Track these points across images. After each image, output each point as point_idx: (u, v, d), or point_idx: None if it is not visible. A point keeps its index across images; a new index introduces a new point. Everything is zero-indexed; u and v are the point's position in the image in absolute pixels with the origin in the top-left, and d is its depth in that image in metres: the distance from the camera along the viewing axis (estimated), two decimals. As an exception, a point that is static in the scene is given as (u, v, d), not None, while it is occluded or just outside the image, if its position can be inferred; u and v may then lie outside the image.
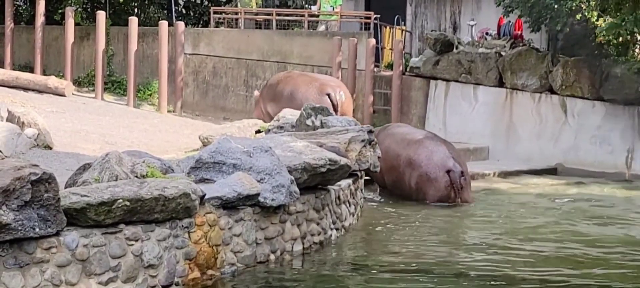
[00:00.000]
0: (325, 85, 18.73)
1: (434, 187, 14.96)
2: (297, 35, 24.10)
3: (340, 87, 18.95)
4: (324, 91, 18.48)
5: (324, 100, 18.04)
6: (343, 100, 18.45)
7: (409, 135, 16.07)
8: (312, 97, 18.28)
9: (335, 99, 18.34)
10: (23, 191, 7.23)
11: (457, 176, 15.03)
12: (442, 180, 14.99)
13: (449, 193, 14.99)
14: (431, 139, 15.83)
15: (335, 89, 18.66)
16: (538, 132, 20.75)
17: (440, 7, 26.21)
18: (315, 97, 18.28)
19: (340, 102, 18.32)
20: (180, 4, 28.13)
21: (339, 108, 18.13)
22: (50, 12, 25.21)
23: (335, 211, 11.54)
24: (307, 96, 18.32)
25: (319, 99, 17.97)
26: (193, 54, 24.39)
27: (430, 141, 15.69)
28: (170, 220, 8.50)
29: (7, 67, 24.44)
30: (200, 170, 9.86)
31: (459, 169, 15.13)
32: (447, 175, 15.03)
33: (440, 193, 14.96)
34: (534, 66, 20.79)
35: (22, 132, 14.37)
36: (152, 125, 20.87)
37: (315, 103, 16.55)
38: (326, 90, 18.50)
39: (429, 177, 15.05)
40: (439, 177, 14.99)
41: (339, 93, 18.52)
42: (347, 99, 18.71)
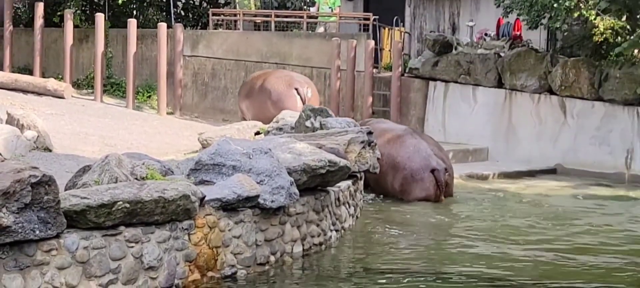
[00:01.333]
0: (294, 80, 19.62)
1: (420, 187, 15.01)
2: (296, 37, 24.10)
3: (308, 84, 19.79)
4: (292, 85, 19.38)
5: (291, 93, 19.14)
6: (309, 97, 19.21)
7: (389, 132, 16.05)
8: (281, 89, 19.36)
9: (303, 93, 19.20)
10: (23, 193, 7.24)
11: (442, 174, 15.10)
12: (427, 179, 15.04)
13: (434, 192, 15.05)
14: (412, 136, 15.84)
15: (303, 84, 19.52)
16: (537, 133, 20.74)
17: (438, 8, 26.23)
18: (283, 89, 19.34)
19: (307, 98, 19.08)
20: (179, 6, 28.11)
21: (306, 102, 18.66)
22: (49, 14, 25.21)
23: (335, 212, 11.55)
24: (277, 88, 19.40)
25: (287, 92, 19.21)
26: (192, 56, 24.39)
27: (412, 138, 15.71)
28: (170, 222, 8.51)
29: (7, 70, 24.43)
30: (200, 172, 9.86)
31: (443, 166, 15.22)
32: (431, 174, 15.11)
33: (425, 192, 15.04)
34: (533, 67, 20.79)
35: (22, 135, 14.37)
36: (151, 127, 20.88)
37: (283, 95, 18.77)
38: (294, 85, 19.39)
39: (414, 177, 15.09)
40: (424, 177, 15.07)
41: (306, 89, 19.38)
42: (314, 96, 19.47)
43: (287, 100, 19.22)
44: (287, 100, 19.21)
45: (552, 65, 20.62)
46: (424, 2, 26.31)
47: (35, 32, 24.64)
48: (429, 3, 26.24)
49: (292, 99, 19.22)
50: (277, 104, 19.26)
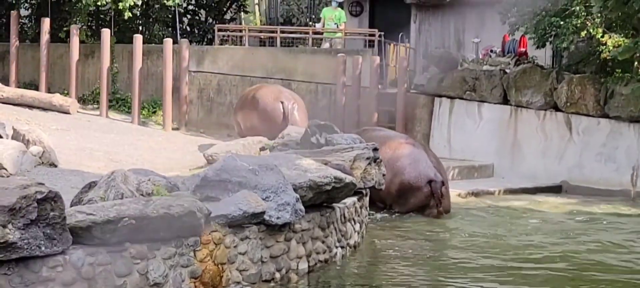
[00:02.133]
0: (282, 94, 20.09)
1: (415, 196, 15.04)
2: (301, 53, 24.10)
3: (295, 100, 20.12)
4: (278, 99, 19.85)
5: (277, 106, 19.66)
6: (293, 111, 19.67)
7: (388, 140, 16.16)
8: (268, 101, 19.91)
9: (286, 107, 19.65)
10: (29, 210, 7.24)
11: (438, 186, 15.13)
12: (424, 189, 15.08)
13: (428, 203, 15.06)
14: (412, 145, 16.00)
15: (289, 99, 19.94)
16: (543, 150, 20.72)
17: (444, 24, 26.25)
18: (270, 101, 19.87)
19: (290, 111, 19.60)
20: (185, 22, 28.16)
21: (289, 116, 19.43)
22: (55, 29, 25.24)
23: (340, 229, 11.53)
24: (264, 101, 19.97)
25: (273, 105, 19.73)
26: (197, 72, 24.41)
27: (412, 147, 15.86)
28: (176, 239, 8.50)
29: (12, 85, 24.44)
30: (206, 188, 9.85)
31: (440, 179, 15.27)
32: (428, 185, 15.17)
33: (420, 202, 15.10)
34: (539, 83, 20.77)
35: (27, 150, 14.37)
36: (156, 142, 20.88)
37: (269, 108, 19.62)
38: (280, 99, 19.85)
39: (411, 185, 15.13)
40: (421, 186, 15.10)
41: (292, 104, 19.79)
42: (300, 111, 19.89)
43: (272, 113, 19.70)
44: (272, 114, 19.69)
45: (557, 81, 20.61)
46: (430, 18, 26.33)
47: (41, 47, 24.66)
48: (435, 19, 26.27)
49: (276, 112, 19.66)
50: (263, 116, 19.80)
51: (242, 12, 31.25)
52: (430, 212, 15.29)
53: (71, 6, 25.16)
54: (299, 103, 20.18)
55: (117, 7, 23.85)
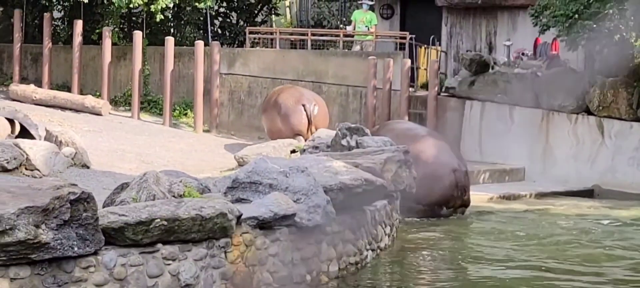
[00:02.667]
0: (304, 97, 20.37)
1: (439, 186, 15.00)
2: (332, 55, 24.11)
3: (317, 102, 20.44)
4: (300, 102, 20.15)
5: (299, 109, 19.99)
6: (315, 113, 20.03)
7: (410, 131, 16.42)
8: (289, 105, 20.21)
9: (309, 110, 19.98)
10: (62, 210, 7.29)
11: (462, 175, 15.20)
12: (448, 179, 15.06)
13: (452, 193, 15.04)
14: (434, 137, 16.20)
15: (311, 101, 20.24)
16: (575, 154, 20.61)
17: (475, 27, 26.18)
18: (291, 105, 20.17)
19: (313, 115, 19.94)
20: (216, 24, 28.24)
21: (312, 120, 19.85)
22: (88, 32, 25.37)
23: (371, 232, 11.52)
24: (286, 104, 20.26)
25: (294, 107, 20.05)
26: (228, 74, 24.46)
27: (434, 139, 16.03)
28: (207, 240, 8.52)
29: (45, 87, 24.60)
30: (237, 190, 9.88)
31: (464, 169, 15.39)
32: (453, 174, 15.21)
33: (445, 191, 15.06)
34: (571, 87, 20.66)
35: (60, 151, 14.47)
36: (187, 144, 20.95)
37: (290, 110, 19.90)
38: (302, 101, 20.15)
39: (435, 175, 15.09)
40: (444, 175, 15.07)
41: (313, 106, 20.12)
42: (321, 114, 20.28)
43: (294, 115, 20.05)
44: (293, 116, 20.04)
45: (589, 85, 20.50)
46: (461, 21, 26.26)
47: (74, 49, 24.80)
48: (466, 22, 26.20)
49: (298, 114, 19.98)
50: (285, 118, 20.14)
51: (273, 15, 31.32)
52: (454, 202, 15.30)
53: (103, 8, 25.30)
54: (320, 104, 20.44)
55: (149, 10, 23.96)
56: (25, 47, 25.90)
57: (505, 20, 25.68)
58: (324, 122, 20.26)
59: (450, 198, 15.23)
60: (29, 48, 26.22)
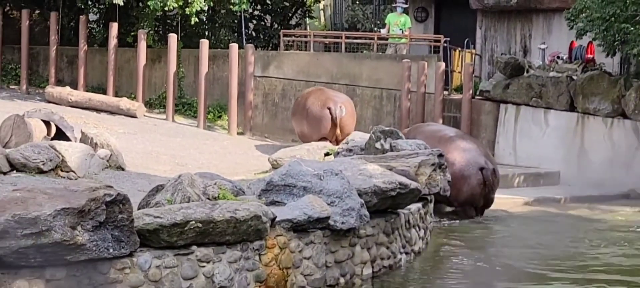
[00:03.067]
0: (330, 99, 20.16)
1: (467, 184, 15.13)
2: (366, 58, 24.09)
3: (343, 103, 20.20)
4: (326, 105, 20.01)
5: (324, 113, 19.86)
6: (342, 115, 19.83)
7: (439, 133, 16.68)
8: (315, 109, 20.13)
9: (335, 113, 19.80)
10: (98, 212, 7.33)
11: (490, 173, 15.42)
12: (475, 177, 15.21)
13: (481, 191, 15.19)
14: (462, 138, 16.43)
15: (336, 103, 19.99)
16: (610, 158, 20.48)
17: (510, 30, 26.06)
18: (317, 109, 20.08)
19: (339, 117, 19.77)
20: (251, 27, 28.29)
21: (338, 122, 19.72)
22: (123, 34, 25.50)
23: (405, 235, 11.51)
24: (312, 108, 20.21)
25: (320, 112, 19.94)
26: (263, 77, 24.51)
27: (462, 140, 16.26)
28: (242, 242, 8.55)
29: (81, 89, 24.76)
30: (271, 192, 9.91)
31: (491, 167, 15.58)
32: (480, 172, 15.43)
33: (473, 190, 15.26)
34: (606, 90, 20.55)
35: (95, 153, 14.55)
36: (222, 147, 21.00)
37: (317, 115, 19.83)
38: (328, 104, 19.97)
39: (463, 174, 15.25)
40: (472, 174, 15.27)
41: (339, 108, 19.89)
42: (348, 115, 20.06)
43: (320, 120, 20.00)
44: (319, 121, 20.02)
45: (625, 88, 20.37)
46: (496, 24, 26.16)
47: (109, 51, 24.94)
48: (501, 25, 26.09)
49: (324, 119, 19.89)
50: (311, 123, 20.23)
51: (307, 18, 31.34)
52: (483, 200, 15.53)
53: (139, 11, 25.42)
54: (347, 106, 20.29)
55: (184, 12, 24.04)
56: (61, 49, 26.07)
57: (540, 23, 25.55)
58: (351, 123, 20.20)
59: (477, 196, 15.38)
60: (64, 50, 26.39)
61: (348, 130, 19.54)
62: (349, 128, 19.81)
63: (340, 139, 19.63)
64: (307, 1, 29.21)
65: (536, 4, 25.22)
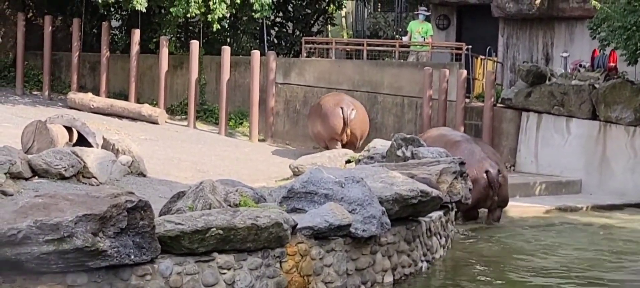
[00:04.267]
0: (342, 101, 21.22)
1: (474, 188, 15.07)
2: (387, 66, 24.08)
3: (356, 107, 21.25)
4: (338, 105, 21.04)
5: (336, 112, 20.87)
6: (352, 117, 20.88)
7: (445, 137, 16.93)
8: (328, 108, 21.12)
9: (345, 113, 20.82)
10: (119, 218, 7.35)
11: (495, 176, 15.59)
12: (481, 180, 15.48)
13: (487, 193, 15.57)
14: (467, 141, 16.67)
15: (348, 105, 21.07)
16: (632, 166, 20.40)
17: (532, 38, 26.01)
18: (330, 108, 21.07)
19: (349, 118, 20.80)
20: (272, 34, 28.34)
21: (348, 123, 20.77)
22: (145, 41, 25.58)
23: (426, 243, 11.49)
24: (326, 107, 21.22)
25: (332, 110, 20.95)
26: (284, 84, 24.53)
27: (467, 143, 16.50)
28: (263, 250, 8.55)
29: (103, 95, 24.85)
30: (292, 199, 9.91)
31: (496, 169, 15.73)
32: (485, 175, 15.59)
33: (480, 193, 15.41)
34: (629, 99, 20.47)
35: (117, 159, 14.58)
36: (243, 153, 21.03)
37: (329, 112, 20.88)
38: (340, 105, 21.01)
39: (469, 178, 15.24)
40: (478, 177, 15.51)
41: (351, 110, 20.94)
42: (358, 120, 21.14)
43: (331, 118, 20.97)
44: (331, 118, 20.98)
45: (648, 97, 20.29)
46: (518, 32, 26.12)
47: (131, 58, 25.02)
48: (523, 33, 26.05)
49: (336, 117, 20.84)
50: (324, 120, 21.19)
51: (329, 25, 31.36)
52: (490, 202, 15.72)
53: (161, 18, 25.51)
54: (359, 110, 21.23)
55: (206, 19, 24.10)
56: (83, 55, 26.17)
57: (563, 31, 25.50)
58: (361, 127, 21.15)
59: (484, 198, 15.52)
60: (87, 57, 26.49)
61: (357, 134, 21.00)
62: (358, 131, 21.06)
63: (349, 140, 20.68)
64: (329, 8, 29.22)
65: (558, 12, 25.19)
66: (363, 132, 21.36)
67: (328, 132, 21.00)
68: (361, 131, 21.21)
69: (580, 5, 24.57)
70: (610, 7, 19.98)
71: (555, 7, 25.20)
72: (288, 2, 28.20)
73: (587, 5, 22.93)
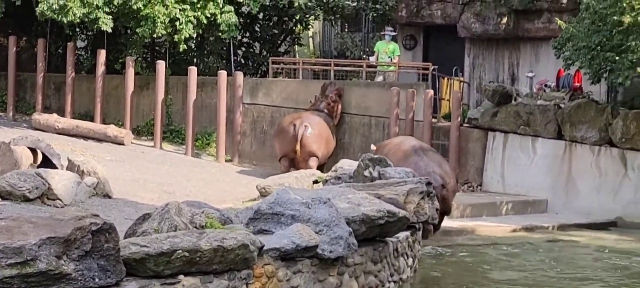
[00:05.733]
0: (298, 118, 21.50)
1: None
2: (355, 86, 24.10)
3: (313, 125, 21.39)
4: (292, 122, 21.41)
5: (288, 129, 21.23)
6: (303, 133, 21.01)
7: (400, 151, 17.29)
8: (283, 124, 21.74)
9: (297, 130, 21.02)
10: (84, 241, 7.27)
11: (438, 190, 15.58)
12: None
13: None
14: (416, 154, 16.92)
15: (303, 121, 21.27)
16: (597, 186, 20.52)
17: (498, 58, 26.14)
18: (285, 125, 21.60)
19: (300, 134, 20.94)
20: (239, 54, 28.30)
21: (298, 138, 20.91)
22: (111, 61, 25.46)
23: (393, 264, 11.47)
24: (282, 124, 21.90)
25: (286, 127, 21.41)
26: (251, 104, 24.51)
27: (416, 156, 16.81)
28: (229, 272, 8.49)
29: (68, 116, 24.70)
30: (259, 221, 9.86)
31: (440, 182, 15.87)
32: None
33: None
34: (594, 119, 20.60)
35: (82, 181, 14.48)
36: (210, 174, 20.97)
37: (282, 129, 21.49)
38: (295, 122, 21.32)
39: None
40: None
41: (303, 126, 21.10)
42: (314, 135, 21.30)
43: (283, 134, 21.46)
44: (282, 134, 21.51)
45: (612, 117, 20.43)
46: (484, 52, 26.24)
47: (97, 78, 24.91)
48: (489, 53, 26.17)
49: (287, 134, 21.23)
50: (277, 136, 21.89)
51: (296, 45, 31.35)
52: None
53: (127, 38, 25.42)
54: (316, 127, 21.39)
55: (172, 39, 24.05)
56: (48, 76, 26.02)
57: (528, 51, 25.65)
58: (314, 143, 21.22)
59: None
60: (52, 77, 26.34)
61: (309, 149, 21.06)
62: (310, 147, 21.11)
63: (300, 157, 20.81)
64: (296, 29, 29.24)
65: (524, 32, 25.34)
66: (320, 151, 21.39)
67: (280, 148, 21.48)
68: (313, 147, 21.21)
69: (546, 25, 24.72)
70: (575, 27, 20.14)
71: (521, 28, 25.35)
72: (255, 23, 28.17)
73: (552, 26, 23.09)
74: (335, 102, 22.93)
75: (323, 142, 21.53)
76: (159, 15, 23.29)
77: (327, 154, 21.81)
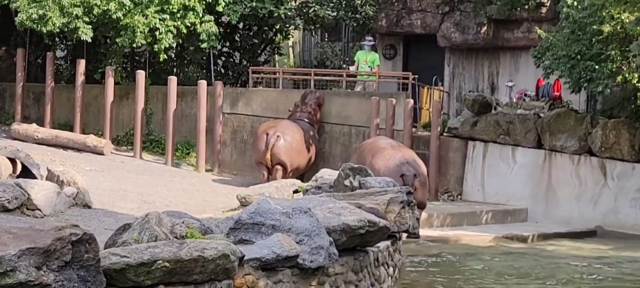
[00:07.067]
0: (271, 128, 21.82)
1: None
2: (335, 95, 24.12)
3: (282, 132, 21.61)
4: (265, 131, 21.67)
5: (262, 137, 21.52)
6: (275, 143, 21.31)
7: (374, 145, 18.35)
8: (258, 133, 21.99)
9: (269, 139, 21.35)
10: (63, 252, 7.23)
11: (410, 179, 16.69)
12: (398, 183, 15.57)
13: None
14: (392, 147, 17.98)
15: (276, 131, 21.57)
16: (577, 194, 20.59)
17: (478, 68, 26.22)
18: (259, 133, 21.86)
19: (271, 143, 21.29)
20: (219, 64, 28.26)
21: (269, 147, 21.28)
22: (90, 71, 25.39)
23: (373, 273, 11.46)
24: (257, 133, 22.12)
25: (259, 136, 21.70)
26: (231, 113, 24.48)
27: (390, 149, 17.84)
28: (209, 282, 8.46)
29: (47, 126, 24.61)
30: (240, 231, 9.83)
31: (412, 173, 16.97)
32: (401, 179, 16.56)
33: None
34: (573, 128, 20.68)
35: (62, 191, 14.41)
36: (190, 184, 20.93)
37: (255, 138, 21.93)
38: (267, 131, 21.61)
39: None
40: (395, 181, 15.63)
41: (275, 135, 21.40)
42: (287, 144, 21.56)
43: (256, 142, 21.84)
44: (255, 142, 21.91)
45: (592, 126, 20.52)
46: (463, 62, 26.31)
47: (77, 88, 24.83)
48: (468, 63, 26.24)
49: (260, 142, 21.54)
50: (252, 145, 22.45)
51: (276, 55, 31.35)
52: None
53: (106, 48, 25.37)
54: (288, 137, 21.58)
55: (152, 49, 24.01)
56: (27, 86, 25.93)
57: (508, 61, 25.74)
58: (288, 155, 21.43)
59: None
60: (31, 87, 26.25)
61: (280, 158, 21.31)
62: (281, 156, 21.36)
63: (273, 165, 20.99)
64: (276, 38, 29.25)
65: (503, 41, 25.44)
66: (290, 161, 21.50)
67: (254, 156, 21.90)
68: (285, 156, 21.39)
69: (525, 35, 24.83)
70: (554, 36, 20.22)
71: (501, 37, 25.45)
72: (235, 32, 28.16)
73: (532, 35, 23.20)
74: (315, 110, 22.94)
75: (294, 153, 21.65)
76: (139, 25, 23.24)
77: (303, 164, 21.84)
